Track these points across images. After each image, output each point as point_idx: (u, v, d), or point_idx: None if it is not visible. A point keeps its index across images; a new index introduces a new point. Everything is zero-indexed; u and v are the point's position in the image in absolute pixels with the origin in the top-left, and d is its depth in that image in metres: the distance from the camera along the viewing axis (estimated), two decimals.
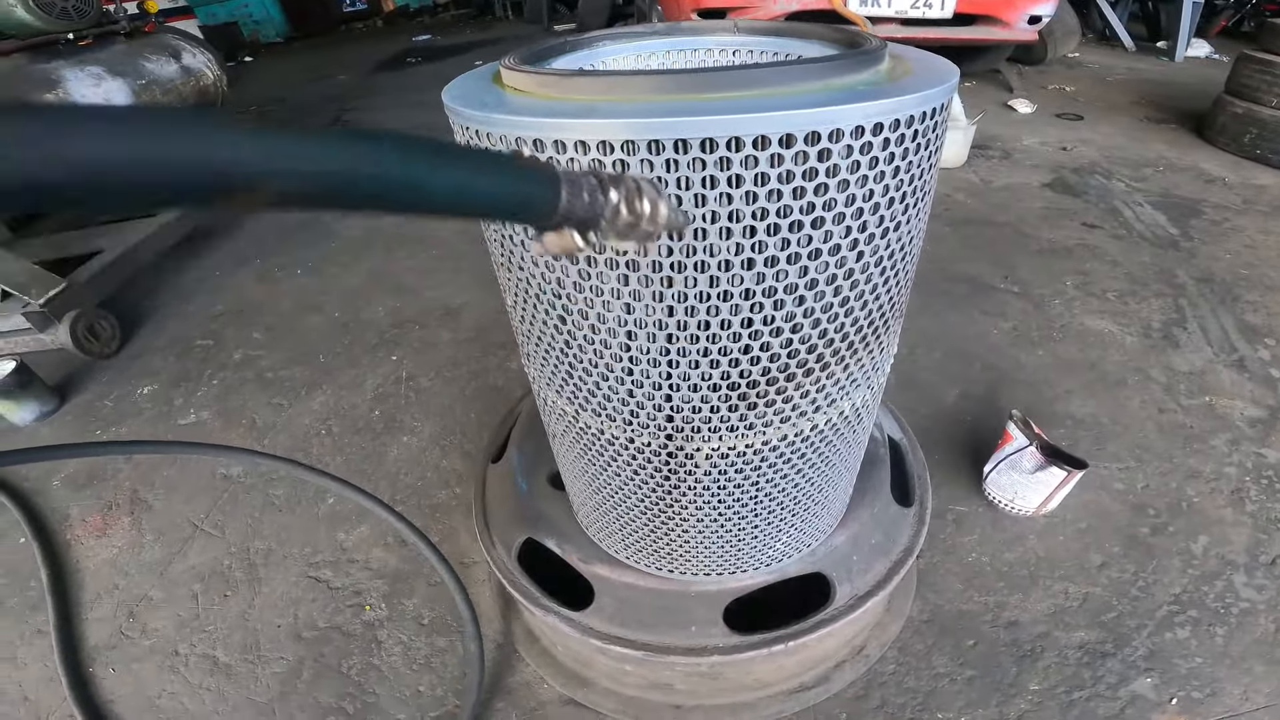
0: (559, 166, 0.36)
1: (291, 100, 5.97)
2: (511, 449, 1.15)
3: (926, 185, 0.54)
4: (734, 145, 0.43)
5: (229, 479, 1.63)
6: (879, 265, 0.54)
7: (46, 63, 2.54)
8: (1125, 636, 1.18)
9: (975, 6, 3.61)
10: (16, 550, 1.50)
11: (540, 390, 0.75)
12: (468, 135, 0.52)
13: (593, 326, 0.56)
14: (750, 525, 0.80)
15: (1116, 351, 1.87)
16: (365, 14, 11.88)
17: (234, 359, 2.09)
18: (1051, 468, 1.31)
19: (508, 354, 1.98)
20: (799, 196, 0.46)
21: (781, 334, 0.54)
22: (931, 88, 0.48)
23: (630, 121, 0.43)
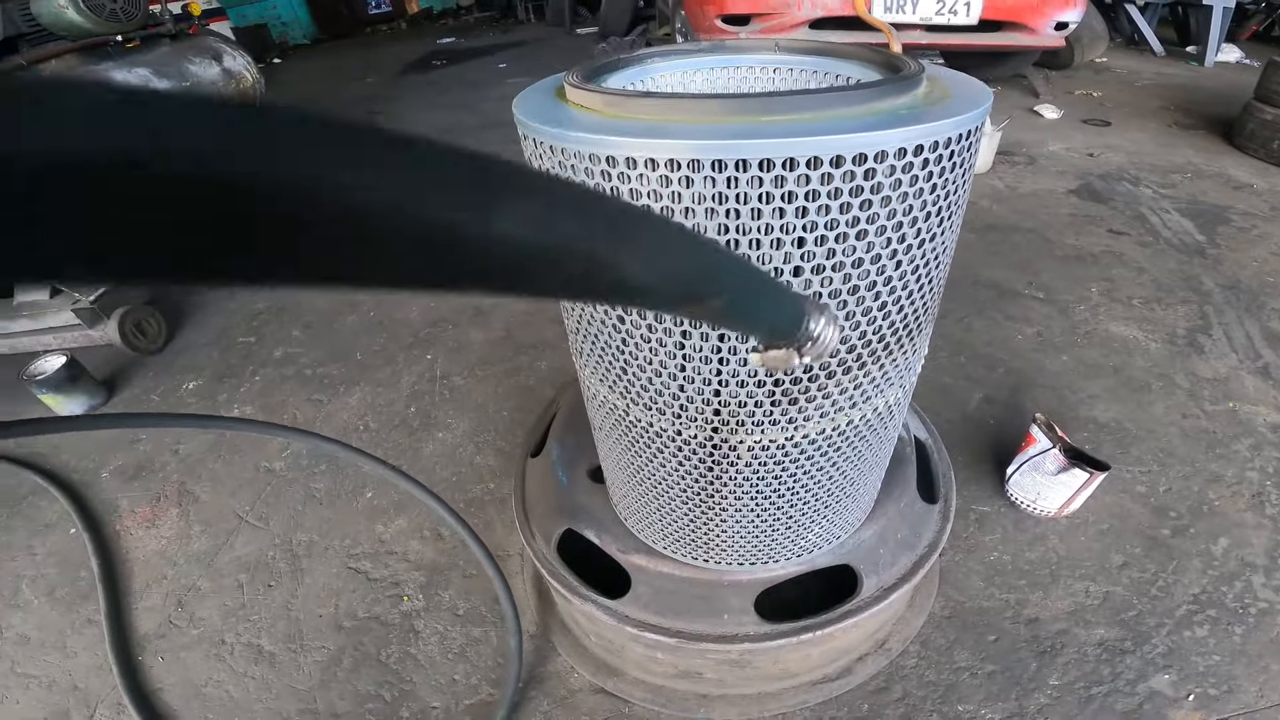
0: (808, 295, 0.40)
1: (322, 101, 6.09)
2: (551, 443, 1.20)
3: (960, 199, 0.59)
4: (789, 165, 0.47)
5: (272, 472, 1.70)
6: (915, 273, 0.58)
7: (96, 64, 2.62)
8: (1144, 634, 1.21)
9: (1001, 13, 3.60)
10: (67, 540, 1.57)
11: (591, 386, 0.80)
12: (541, 149, 0.57)
13: (649, 327, 0.61)
14: (785, 515, 0.84)
15: (1141, 357, 1.89)
16: (390, 16, 12.06)
17: (275, 356, 2.16)
18: (1074, 469, 1.34)
19: (538, 354, 2.04)
20: (845, 211, 0.50)
21: None
22: (967, 112, 0.52)
23: (696, 143, 0.47)
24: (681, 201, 0.50)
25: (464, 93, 5.52)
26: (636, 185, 0.51)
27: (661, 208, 0.51)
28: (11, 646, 1.36)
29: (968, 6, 3.51)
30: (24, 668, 1.32)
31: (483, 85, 5.76)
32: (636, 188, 0.51)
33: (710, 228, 0.51)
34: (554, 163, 0.56)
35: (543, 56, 6.97)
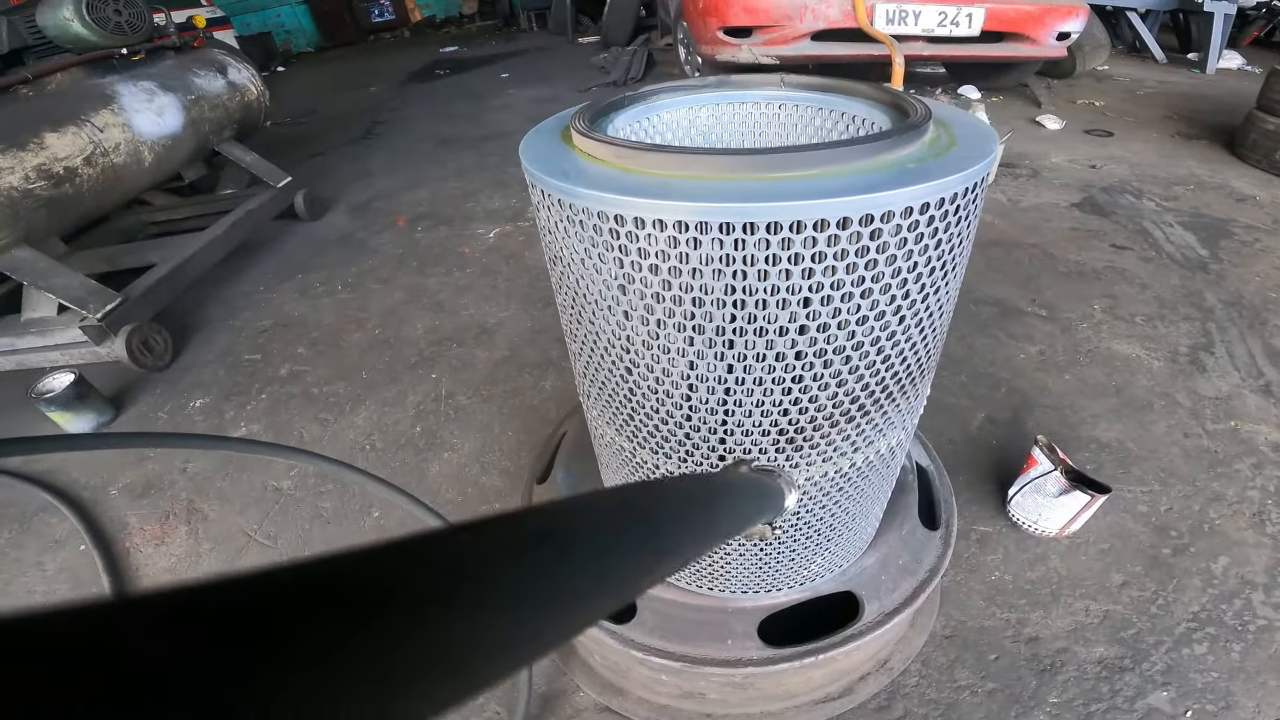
0: (784, 473, 0.50)
1: (325, 111, 6.13)
2: (558, 471, 1.21)
3: (965, 249, 0.59)
4: (796, 227, 0.48)
5: (279, 491, 1.71)
6: (918, 325, 0.59)
7: (102, 77, 2.61)
8: (1143, 652, 1.22)
9: (1003, 24, 3.61)
10: (77, 557, 1.58)
11: (599, 427, 0.81)
12: (549, 200, 0.58)
13: (657, 379, 0.62)
14: (788, 549, 0.85)
15: (1143, 376, 1.89)
16: (393, 24, 12.16)
17: (281, 374, 2.18)
18: (1075, 492, 1.34)
19: (542, 374, 2.05)
20: (851, 271, 0.51)
21: (828, 388, 0.59)
22: (974, 165, 0.52)
23: (706, 205, 0.48)
24: (689, 262, 0.51)
25: (467, 103, 5.55)
26: (645, 244, 0.52)
27: (669, 266, 0.52)
28: None
29: (970, 18, 3.53)
30: None
31: (486, 95, 5.79)
32: (645, 246, 0.52)
33: (717, 288, 0.52)
34: (562, 216, 0.57)
35: (545, 66, 7.00)
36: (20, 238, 2.08)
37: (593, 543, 0.23)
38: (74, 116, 2.29)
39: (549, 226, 0.61)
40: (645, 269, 0.53)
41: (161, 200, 3.27)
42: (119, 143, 2.43)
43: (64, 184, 2.18)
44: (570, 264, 0.60)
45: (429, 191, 3.59)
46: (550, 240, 0.62)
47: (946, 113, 0.65)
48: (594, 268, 0.57)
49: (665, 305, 0.55)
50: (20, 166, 2.05)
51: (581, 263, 0.58)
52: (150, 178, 2.69)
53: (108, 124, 2.40)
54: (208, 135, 3.03)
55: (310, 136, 5.15)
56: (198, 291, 2.70)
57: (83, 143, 2.27)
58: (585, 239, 0.55)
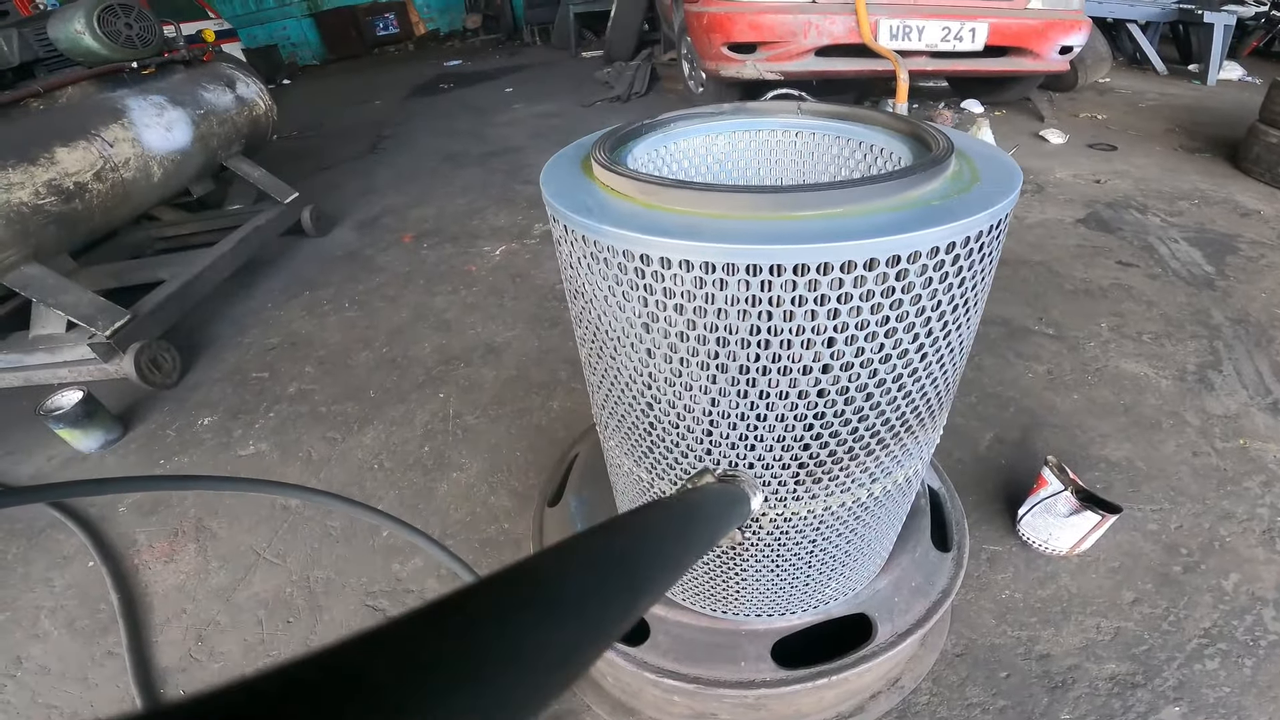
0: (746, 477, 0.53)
1: (330, 125, 6.18)
2: (569, 495, 1.21)
3: (986, 283, 0.59)
4: (823, 269, 0.48)
5: (288, 509, 1.71)
6: (939, 361, 0.60)
7: (112, 91, 2.62)
8: (1155, 668, 1.22)
9: (1006, 39, 3.63)
10: (85, 573, 1.59)
11: (616, 458, 0.81)
12: (572, 236, 0.58)
13: (679, 415, 0.62)
14: (803, 575, 0.85)
15: (1152, 395, 1.89)
16: (397, 38, 12.27)
17: (289, 392, 2.18)
18: (1086, 512, 1.34)
19: (549, 394, 2.05)
20: (876, 311, 0.51)
21: (849, 424, 0.60)
22: (999, 202, 0.52)
23: (733, 246, 0.48)
24: (714, 303, 0.51)
25: (471, 118, 5.59)
26: (670, 284, 0.52)
27: (695, 306, 0.52)
28: (32, 677, 1.38)
29: (973, 33, 3.56)
30: (45, 698, 1.33)
31: (489, 110, 5.83)
32: (670, 286, 0.52)
33: (741, 329, 0.52)
34: (585, 252, 0.57)
35: (549, 81, 7.05)
36: (29, 254, 2.09)
37: (576, 597, 0.24)
38: (84, 131, 2.31)
39: (571, 261, 0.61)
40: (670, 309, 0.53)
41: (170, 216, 3.28)
42: (129, 158, 2.44)
43: (74, 200, 2.19)
44: (593, 300, 0.60)
45: (435, 208, 3.61)
46: (572, 275, 0.63)
47: (965, 143, 0.64)
48: (617, 305, 0.57)
49: (689, 345, 0.55)
50: (31, 182, 2.06)
51: (605, 299, 0.58)
52: (159, 193, 2.69)
53: (118, 139, 2.41)
54: (216, 150, 3.04)
55: (316, 151, 5.18)
56: (206, 308, 2.71)
57: (93, 158, 2.28)
58: (610, 276, 0.56)
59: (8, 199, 1.99)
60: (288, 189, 3.24)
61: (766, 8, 3.45)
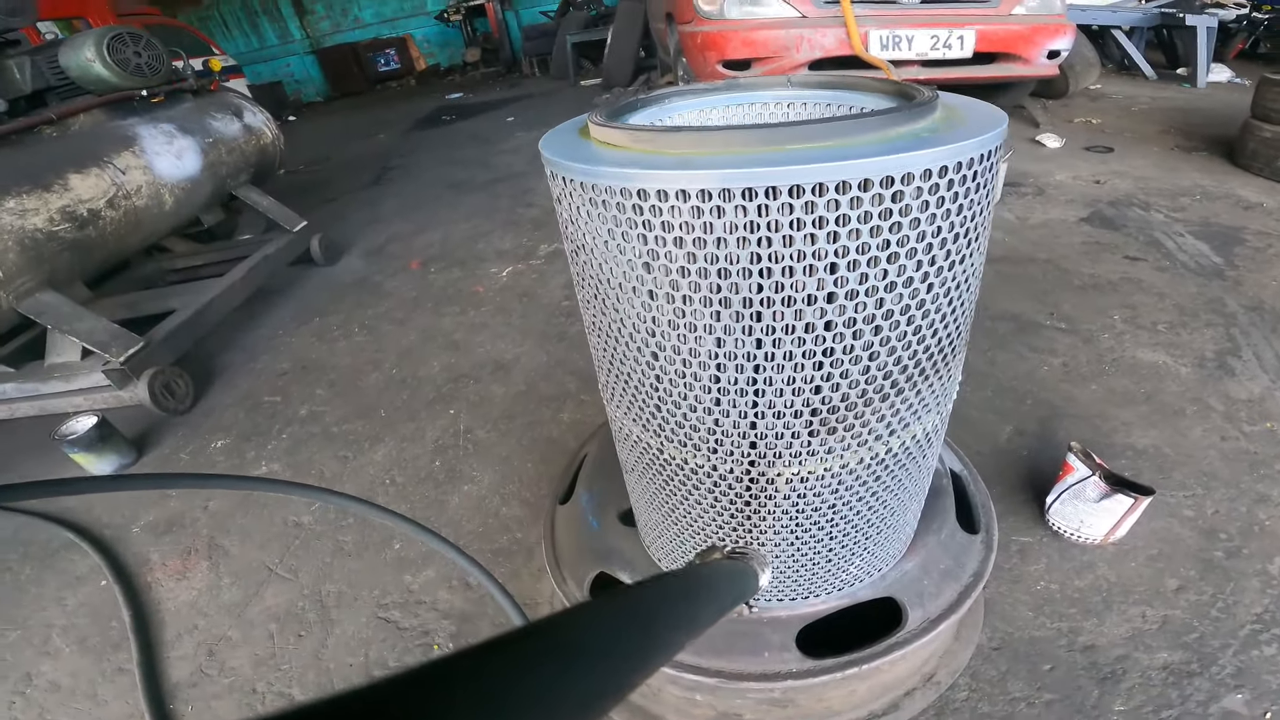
0: (755, 554, 0.56)
1: (337, 158, 6.31)
2: (580, 490, 1.19)
3: (984, 221, 0.59)
4: (818, 190, 0.48)
5: (300, 526, 1.70)
6: (946, 296, 0.59)
7: (123, 119, 2.66)
8: (1210, 656, 1.17)
9: (994, 45, 3.69)
10: (98, 592, 1.59)
11: (623, 425, 0.80)
12: (570, 187, 0.58)
13: (684, 361, 0.61)
14: (825, 548, 0.82)
15: (1172, 382, 1.86)
16: (399, 73, 12.55)
17: (300, 414, 2.19)
18: (1118, 495, 1.31)
19: (559, 406, 2.04)
20: (875, 234, 0.51)
21: (860, 362, 0.58)
22: (987, 132, 0.53)
23: (727, 172, 0.48)
24: (713, 231, 0.51)
25: (475, 148, 5.68)
26: (668, 217, 0.52)
27: (694, 238, 0.52)
28: (42, 694, 1.37)
29: (961, 40, 3.61)
30: (55, 715, 1.32)
31: (493, 139, 5.93)
32: (668, 220, 0.52)
33: (742, 256, 0.52)
34: (584, 199, 0.57)
35: (550, 109, 7.18)
36: (44, 281, 2.12)
37: (595, 651, 0.27)
38: (97, 158, 2.35)
39: (570, 216, 0.61)
40: (670, 243, 0.53)
41: (182, 247, 3.33)
42: (140, 185, 2.48)
43: (87, 226, 2.23)
44: (593, 250, 0.60)
45: (441, 234, 3.66)
46: (572, 230, 0.63)
47: (952, 99, 0.66)
48: (617, 248, 0.57)
49: (690, 279, 0.54)
50: (45, 208, 2.09)
51: (605, 245, 0.58)
52: (171, 221, 2.73)
53: (129, 166, 2.45)
54: (225, 179, 3.08)
55: (323, 183, 5.29)
56: (219, 336, 2.74)
57: (105, 185, 2.32)
58: (608, 219, 0.56)
59: (22, 225, 2.02)
60: (296, 217, 3.28)
61: (759, 24, 3.53)
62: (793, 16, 3.52)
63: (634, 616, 0.33)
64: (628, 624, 0.31)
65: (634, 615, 0.33)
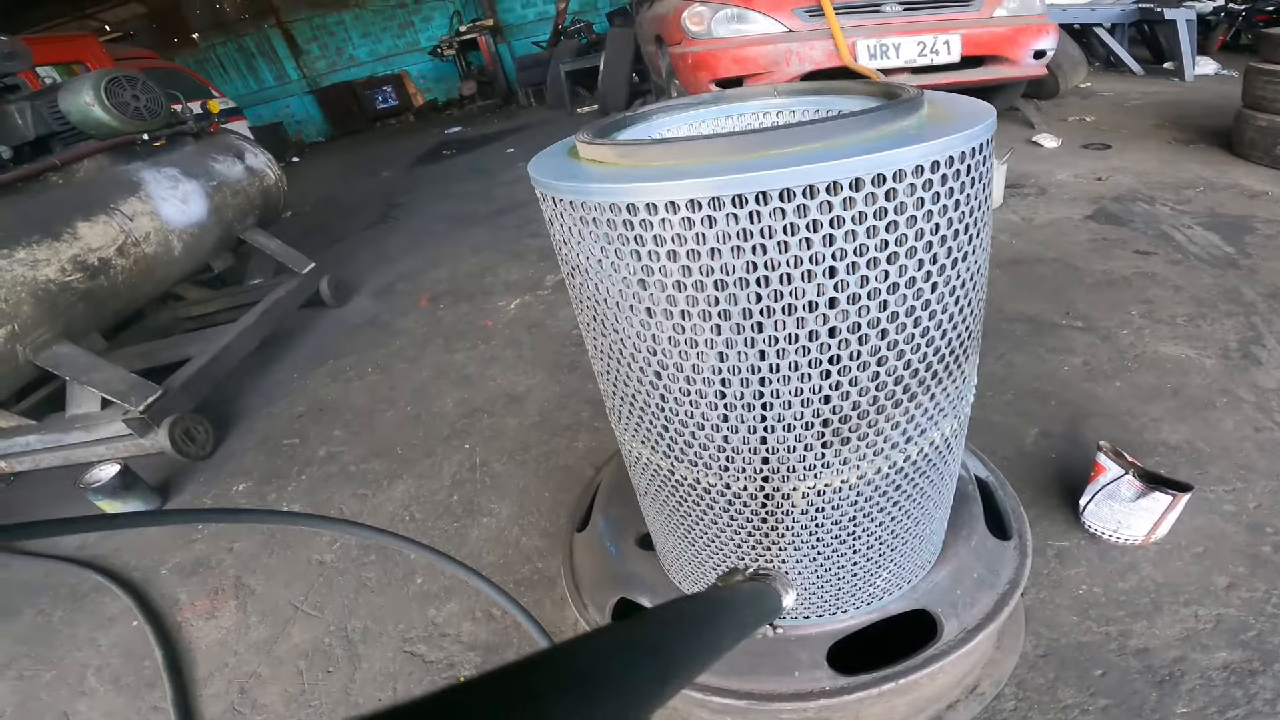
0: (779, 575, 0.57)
1: (341, 198, 6.41)
2: (596, 516, 1.18)
3: (984, 216, 0.58)
4: (809, 192, 0.47)
5: (324, 564, 1.70)
6: (953, 295, 0.57)
7: (126, 164, 2.65)
8: (1272, 653, 1.12)
9: (980, 48, 3.72)
10: (129, 633, 1.62)
11: (632, 448, 0.78)
12: (560, 207, 0.58)
13: (688, 379, 0.60)
14: (849, 563, 0.80)
15: (1198, 375, 1.81)
16: (398, 109, 12.66)
17: (319, 455, 2.20)
18: (1155, 493, 1.26)
19: (574, 435, 2.03)
20: (872, 235, 0.50)
21: (868, 368, 0.57)
22: (975, 126, 0.52)
23: (714, 180, 0.48)
24: (707, 242, 0.50)
25: (476, 181, 5.76)
26: (660, 231, 0.51)
27: (687, 250, 0.51)
28: None
29: (948, 45, 3.63)
30: None
31: (494, 172, 6.01)
32: (660, 233, 0.51)
33: (738, 266, 0.51)
34: (575, 218, 0.57)
35: (548, 138, 7.14)
36: (60, 333, 2.14)
37: (611, 678, 0.27)
38: (104, 205, 2.36)
39: (563, 237, 0.61)
40: (663, 257, 0.52)
41: (194, 294, 3.37)
42: (149, 231, 2.49)
43: (99, 275, 2.25)
44: (589, 270, 0.60)
45: (448, 269, 3.69)
46: (566, 251, 0.62)
47: (940, 98, 0.65)
48: (611, 267, 0.56)
49: (688, 294, 0.54)
50: (56, 258, 2.11)
51: (599, 264, 0.57)
52: (181, 268, 2.75)
53: (136, 212, 2.47)
54: (232, 222, 3.10)
55: (330, 223, 5.36)
56: (235, 382, 2.77)
57: (114, 232, 2.33)
58: (600, 237, 0.55)
59: (35, 276, 2.04)
60: (304, 259, 3.31)
61: (747, 41, 3.57)
62: (780, 32, 3.56)
63: (653, 641, 0.33)
64: (647, 649, 0.31)
65: (653, 640, 0.33)
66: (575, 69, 8.78)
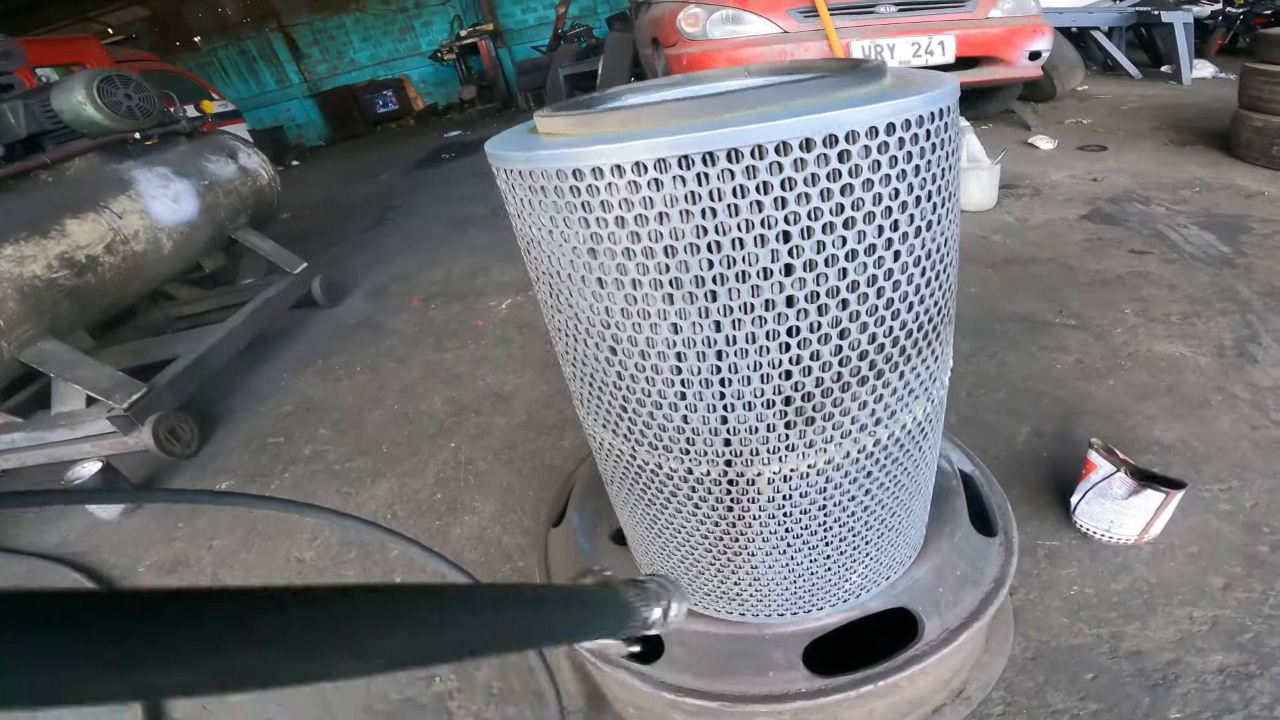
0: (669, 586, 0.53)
1: (340, 201, 6.41)
2: (571, 512, 1.15)
3: (950, 184, 0.56)
4: (757, 153, 0.45)
5: (303, 562, 1.68)
6: (918, 265, 0.55)
7: (119, 163, 2.65)
8: (1269, 656, 1.09)
9: (974, 49, 3.72)
10: None
11: (595, 432, 0.76)
12: (511, 179, 0.56)
13: (642, 353, 0.58)
14: (822, 556, 0.77)
15: (1193, 373, 1.78)
16: (398, 114, 12.63)
17: (304, 454, 2.18)
18: (1147, 491, 1.23)
19: (560, 434, 2.01)
20: (826, 198, 0.48)
21: (830, 340, 0.54)
22: (934, 90, 0.51)
23: (660, 140, 0.46)
24: (654, 206, 0.48)
25: (474, 184, 5.74)
26: (607, 196, 0.49)
27: (635, 215, 0.49)
28: None
29: (942, 46, 3.63)
30: None
31: (491, 175, 5.95)
32: (607, 199, 0.49)
33: (687, 230, 0.48)
34: (525, 188, 0.55)
35: None
36: (45, 329, 2.12)
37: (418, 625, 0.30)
38: (94, 203, 2.34)
39: (517, 210, 0.59)
40: (611, 223, 0.50)
41: (185, 293, 3.35)
42: (138, 230, 2.48)
43: (86, 273, 2.23)
44: (541, 243, 0.58)
45: (442, 270, 3.67)
46: (520, 225, 0.60)
47: (909, 71, 0.63)
48: (562, 236, 0.54)
49: (638, 261, 0.51)
50: (43, 255, 2.09)
51: (550, 235, 0.55)
52: (170, 266, 2.73)
53: (126, 210, 2.45)
54: (223, 222, 3.08)
55: (328, 227, 5.35)
56: (224, 381, 2.75)
57: (103, 230, 2.32)
58: (549, 206, 0.53)
59: (21, 272, 2.02)
60: (296, 259, 3.29)
61: (742, 43, 3.57)
62: (775, 33, 3.56)
63: (476, 603, 0.34)
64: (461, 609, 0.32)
65: (475, 602, 0.34)
66: (574, 73, 8.77)
